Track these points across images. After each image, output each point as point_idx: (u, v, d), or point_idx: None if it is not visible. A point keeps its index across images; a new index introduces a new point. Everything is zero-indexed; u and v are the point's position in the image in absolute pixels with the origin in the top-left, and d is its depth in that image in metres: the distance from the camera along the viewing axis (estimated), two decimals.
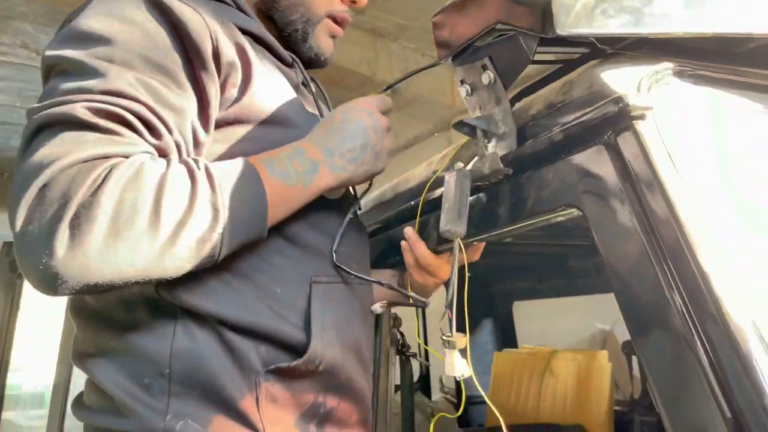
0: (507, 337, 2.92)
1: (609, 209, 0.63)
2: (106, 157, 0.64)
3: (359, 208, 1.04)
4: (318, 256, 0.86)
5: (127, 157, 0.66)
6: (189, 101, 0.75)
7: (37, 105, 0.68)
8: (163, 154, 0.72)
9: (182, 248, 0.66)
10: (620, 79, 0.66)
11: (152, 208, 0.64)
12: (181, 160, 0.72)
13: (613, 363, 2.31)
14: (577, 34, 0.65)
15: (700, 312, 0.53)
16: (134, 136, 0.68)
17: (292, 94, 0.91)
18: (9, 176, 7.00)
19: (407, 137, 5.82)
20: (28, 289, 1.99)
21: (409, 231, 1.00)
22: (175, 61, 0.74)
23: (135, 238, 0.63)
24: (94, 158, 0.64)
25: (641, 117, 0.62)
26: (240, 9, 0.93)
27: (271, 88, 0.87)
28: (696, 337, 0.53)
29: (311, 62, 1.04)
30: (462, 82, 0.85)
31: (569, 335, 4.18)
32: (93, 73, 0.68)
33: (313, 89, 1.02)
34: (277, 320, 0.79)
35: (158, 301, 0.76)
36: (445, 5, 0.85)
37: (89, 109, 0.65)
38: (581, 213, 0.68)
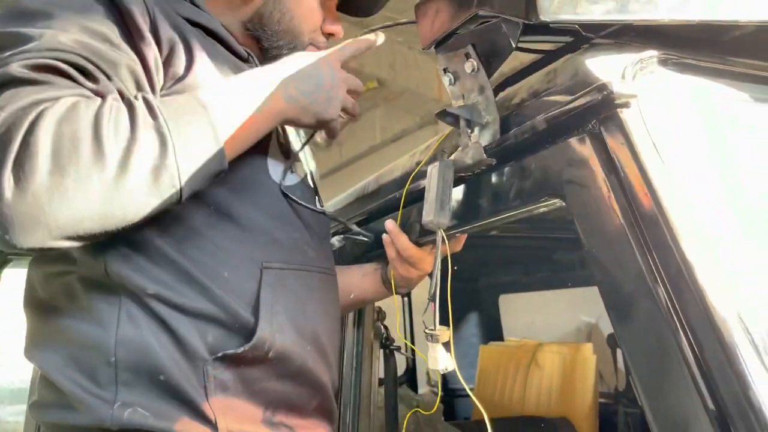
0: (493, 330, 2.92)
1: (592, 199, 0.62)
2: (44, 101, 0.64)
3: (318, 194, 1.03)
4: (270, 241, 0.85)
5: (57, 99, 0.65)
6: (129, 59, 0.75)
7: None
8: (102, 96, 0.70)
9: (136, 179, 0.64)
10: (605, 67, 0.65)
11: (92, 138, 0.63)
12: (126, 100, 0.71)
13: (598, 355, 2.32)
14: (562, 21, 0.64)
15: (684, 304, 0.52)
16: (69, 82, 0.68)
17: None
18: None
19: (394, 131, 5.81)
20: (5, 283, 1.95)
21: (390, 224, 0.99)
22: (112, 30, 0.75)
23: (82, 171, 0.62)
24: (28, 105, 0.63)
25: (625, 105, 0.61)
26: (192, 2, 0.93)
27: (215, 73, 0.86)
28: (679, 328, 0.53)
29: None
30: (445, 70, 0.83)
31: (555, 328, 4.19)
32: (31, 38, 0.69)
33: None
34: (225, 304, 0.78)
35: (103, 285, 0.75)
36: None
37: (24, 66, 0.65)
38: (564, 203, 0.67)
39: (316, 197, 1.01)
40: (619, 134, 0.61)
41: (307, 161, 1.07)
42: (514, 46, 0.73)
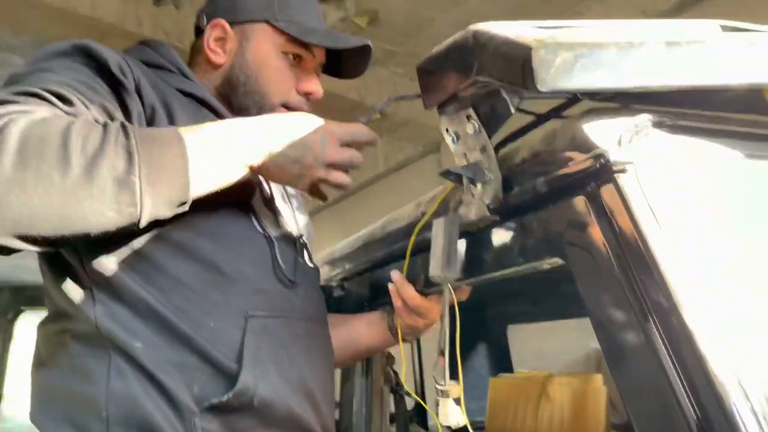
0: (502, 361, 2.91)
1: (592, 262, 0.64)
2: (19, 111, 0.68)
3: (306, 247, 1.05)
4: (256, 291, 0.87)
5: (27, 112, 0.70)
6: (110, 102, 0.80)
7: None
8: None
9: (97, 188, 0.65)
10: (601, 132, 0.67)
11: (60, 142, 0.65)
12: (105, 121, 0.75)
13: (608, 385, 2.31)
14: (558, 90, 0.67)
15: (685, 369, 0.54)
16: (48, 104, 0.73)
17: None
18: None
19: (397, 159, 5.84)
20: (21, 321, 1.99)
21: (396, 274, 1.00)
22: (101, 87, 0.81)
23: (44, 170, 0.63)
24: (6, 114, 0.67)
25: (622, 170, 0.64)
26: (183, 74, 1.00)
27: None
28: (681, 392, 0.54)
29: None
30: (447, 130, 0.86)
31: (564, 356, 4.17)
32: (27, 79, 0.76)
33: None
34: (209, 354, 0.80)
35: (94, 341, 0.78)
36: (429, 53, 0.87)
37: (9, 92, 0.71)
38: (565, 263, 0.69)
39: (305, 249, 1.02)
40: (617, 198, 0.63)
41: (295, 213, 1.08)
42: (513, 111, 0.75)
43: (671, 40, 0.69)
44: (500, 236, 0.81)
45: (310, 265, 1.02)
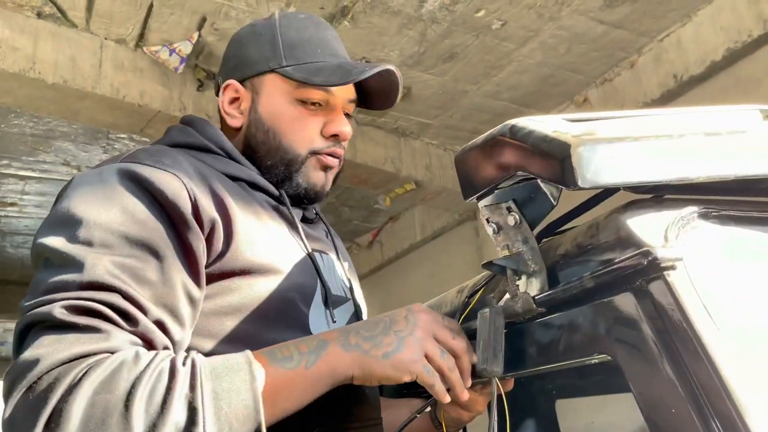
0: None
1: (643, 361, 0.63)
2: (85, 355, 0.65)
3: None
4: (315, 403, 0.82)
5: (107, 352, 0.67)
6: (173, 267, 0.76)
7: (25, 303, 0.71)
8: (144, 338, 0.72)
9: None
10: (646, 226, 0.67)
11: (122, 411, 0.62)
12: (166, 355, 0.70)
13: None
14: (599, 186, 0.67)
15: None
16: (111, 327, 0.69)
17: (281, 239, 0.93)
18: None
19: (434, 228, 5.85)
20: None
21: None
22: (155, 230, 0.76)
23: None
24: (72, 358, 0.65)
25: (672, 267, 0.63)
26: (230, 157, 0.98)
27: (258, 236, 0.88)
28: None
29: (306, 200, 1.04)
30: (488, 221, 0.86)
31: (615, 429, 3.99)
32: (71, 263, 0.71)
33: (297, 222, 1.01)
34: None
35: None
36: (467, 146, 0.88)
37: (67, 308, 0.67)
38: (614, 360, 0.67)
39: None
40: (668, 296, 0.62)
41: (360, 300, 1.08)
42: (555, 204, 0.76)
43: (711, 130, 0.69)
44: (546, 330, 0.80)
45: None
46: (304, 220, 1.07)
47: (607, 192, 0.84)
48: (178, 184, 0.81)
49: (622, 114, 0.79)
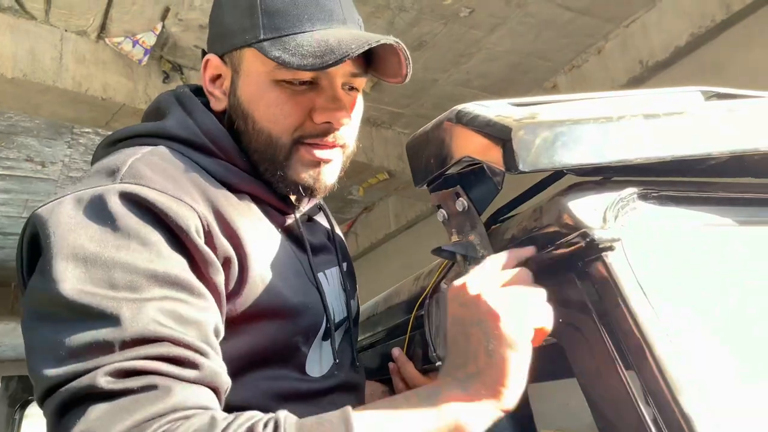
0: (525, 423, 2.82)
1: (584, 341, 0.63)
2: (149, 419, 0.56)
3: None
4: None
5: (174, 410, 0.58)
6: (209, 306, 0.69)
7: (50, 372, 0.59)
8: (210, 384, 0.64)
9: None
10: (586, 209, 0.67)
11: None
12: (247, 416, 0.59)
13: None
14: (540, 169, 0.67)
15: None
16: (171, 381, 0.60)
17: (290, 268, 0.87)
18: (17, 286, 7.05)
19: (408, 218, 5.86)
20: (27, 421, 1.98)
21: (397, 351, 0.99)
22: (181, 266, 0.68)
23: None
24: (134, 426, 0.55)
25: (610, 248, 0.63)
26: (234, 164, 0.87)
27: (268, 272, 0.81)
28: None
29: (305, 195, 0.90)
30: (438, 207, 0.86)
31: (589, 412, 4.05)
32: (102, 317, 0.60)
33: (305, 239, 0.93)
34: None
35: None
36: (417, 132, 0.88)
37: (113, 373, 0.58)
38: (559, 342, 0.68)
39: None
40: (606, 276, 0.63)
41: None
42: (499, 189, 0.76)
43: (650, 112, 0.70)
44: None
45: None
46: (308, 219, 1.00)
47: (556, 176, 0.84)
48: (193, 218, 0.71)
49: (567, 98, 0.80)
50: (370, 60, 0.89)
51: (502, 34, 3.80)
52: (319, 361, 0.90)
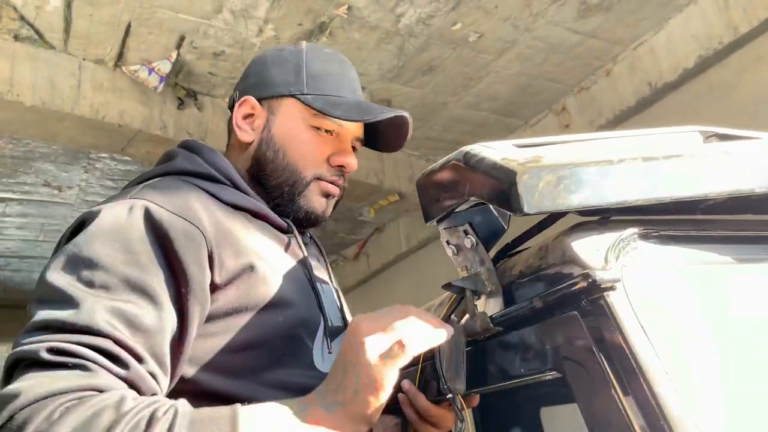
0: None
1: (587, 377, 0.66)
2: (69, 391, 0.64)
3: None
4: None
5: (93, 390, 0.66)
6: (168, 320, 0.77)
7: (19, 337, 0.70)
8: (133, 385, 0.71)
9: None
10: (588, 249, 0.70)
11: None
12: (151, 402, 0.67)
13: None
14: (543, 211, 0.70)
15: None
16: (99, 368, 0.68)
17: (288, 271, 0.95)
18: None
19: (419, 238, 5.88)
20: None
21: (407, 384, 1.00)
22: (156, 277, 0.77)
23: None
24: (54, 393, 0.64)
25: (611, 288, 0.66)
26: (236, 186, 1.00)
27: (269, 272, 0.90)
28: None
29: (305, 222, 1.07)
30: (447, 242, 0.90)
31: None
32: (68, 303, 0.71)
33: (304, 252, 1.03)
34: None
35: None
36: (426, 170, 0.92)
37: (54, 350, 0.67)
38: (564, 378, 0.70)
39: None
40: (607, 315, 0.65)
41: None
42: (506, 228, 0.79)
43: (648, 155, 0.73)
44: (504, 348, 0.83)
45: None
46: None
47: (561, 213, 0.87)
48: (198, 237, 0.82)
49: (569, 138, 0.83)
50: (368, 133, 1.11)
51: (510, 58, 3.85)
52: (322, 356, 0.96)
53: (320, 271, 1.09)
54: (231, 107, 1.12)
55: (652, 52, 3.82)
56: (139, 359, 0.72)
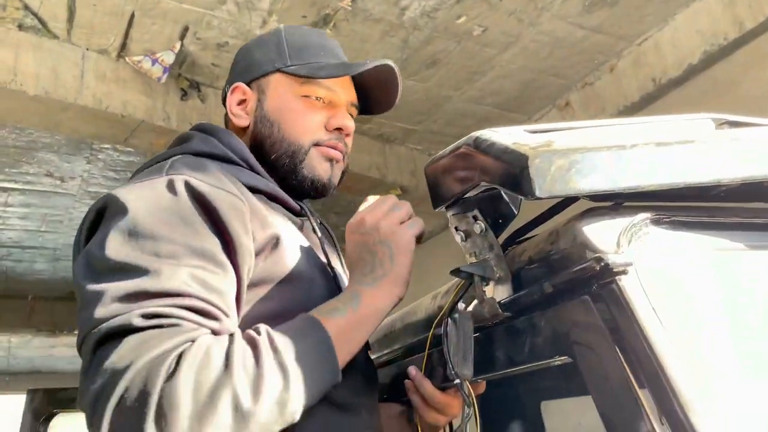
0: None
1: (599, 362, 0.65)
2: (171, 348, 0.66)
3: None
4: (332, 408, 0.86)
5: (192, 341, 0.68)
6: (232, 282, 0.79)
7: (95, 314, 0.69)
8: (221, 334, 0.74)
9: (264, 414, 0.67)
10: (600, 233, 0.70)
11: (226, 382, 0.65)
12: (243, 333, 0.74)
13: None
14: (555, 195, 0.70)
15: None
16: (194, 325, 0.70)
17: (307, 250, 0.96)
18: (33, 299, 7.14)
19: None
20: (54, 424, 2.01)
21: (413, 370, 1.01)
22: (215, 245, 0.78)
23: (219, 418, 0.64)
24: (161, 354, 0.65)
25: (623, 272, 0.65)
26: (251, 168, 1.01)
27: (293, 247, 0.92)
28: None
29: (313, 192, 1.07)
30: (456, 229, 0.89)
31: (603, 430, 4.01)
32: (144, 273, 0.72)
33: (319, 234, 1.06)
34: None
35: None
36: (435, 156, 0.91)
37: (146, 315, 0.68)
38: (574, 362, 0.70)
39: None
40: (619, 300, 0.65)
41: None
42: (516, 213, 0.79)
43: (662, 140, 0.72)
44: (512, 334, 0.82)
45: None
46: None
47: (571, 199, 0.87)
48: (241, 206, 0.84)
49: (580, 125, 0.82)
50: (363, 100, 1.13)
51: (515, 52, 3.84)
52: None
53: (333, 256, 1.09)
54: (224, 102, 1.13)
55: (657, 48, 3.81)
56: (225, 313, 0.76)
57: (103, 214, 0.83)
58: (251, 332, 0.74)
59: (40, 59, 3.31)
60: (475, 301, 0.88)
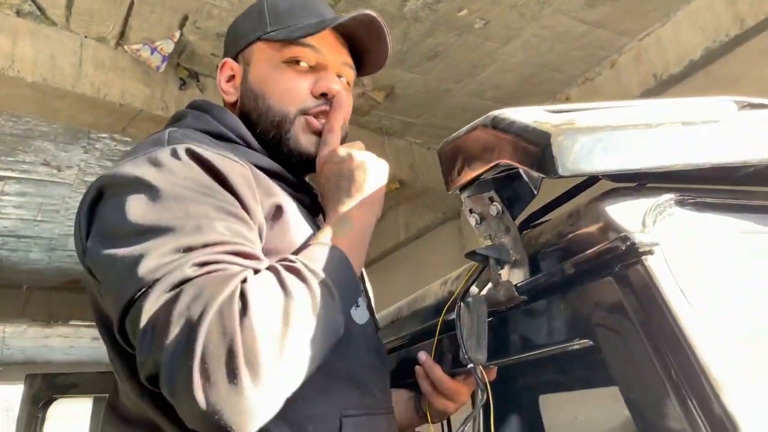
0: None
1: (623, 344, 0.64)
2: (234, 290, 0.66)
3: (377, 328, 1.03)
4: (349, 387, 0.85)
5: (245, 280, 0.68)
6: (256, 234, 0.80)
7: (138, 271, 0.69)
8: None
9: (324, 324, 0.71)
10: (625, 213, 0.68)
11: (292, 308, 0.68)
12: (280, 264, 0.76)
13: None
14: (578, 174, 0.68)
15: None
16: (240, 267, 0.71)
17: (309, 223, 0.94)
18: (28, 289, 7.10)
19: (418, 227, 5.87)
20: (49, 419, 1.99)
21: (423, 355, 0.99)
22: (233, 204, 0.78)
23: (294, 338, 0.67)
24: (227, 298, 0.65)
25: (649, 252, 0.64)
26: (250, 146, 0.98)
27: (296, 219, 0.90)
28: None
29: (303, 165, 1.02)
30: (471, 211, 0.88)
31: (599, 424, 4.02)
32: (179, 230, 0.72)
33: (319, 209, 1.03)
34: None
35: None
36: (450, 137, 0.89)
37: (196, 264, 0.68)
38: (596, 344, 0.68)
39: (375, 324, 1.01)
40: (646, 280, 0.63)
41: (369, 287, 1.10)
42: (536, 193, 0.77)
43: (687, 120, 0.71)
44: (529, 317, 0.81)
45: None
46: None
47: (588, 182, 0.85)
48: (247, 173, 0.84)
49: (602, 105, 0.81)
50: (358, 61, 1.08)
51: (516, 46, 3.82)
52: (354, 309, 0.95)
53: None
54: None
55: (659, 44, 3.80)
56: (260, 258, 0.76)
57: (103, 192, 0.80)
58: (287, 262, 0.75)
59: (38, 46, 3.27)
60: (489, 285, 0.86)
